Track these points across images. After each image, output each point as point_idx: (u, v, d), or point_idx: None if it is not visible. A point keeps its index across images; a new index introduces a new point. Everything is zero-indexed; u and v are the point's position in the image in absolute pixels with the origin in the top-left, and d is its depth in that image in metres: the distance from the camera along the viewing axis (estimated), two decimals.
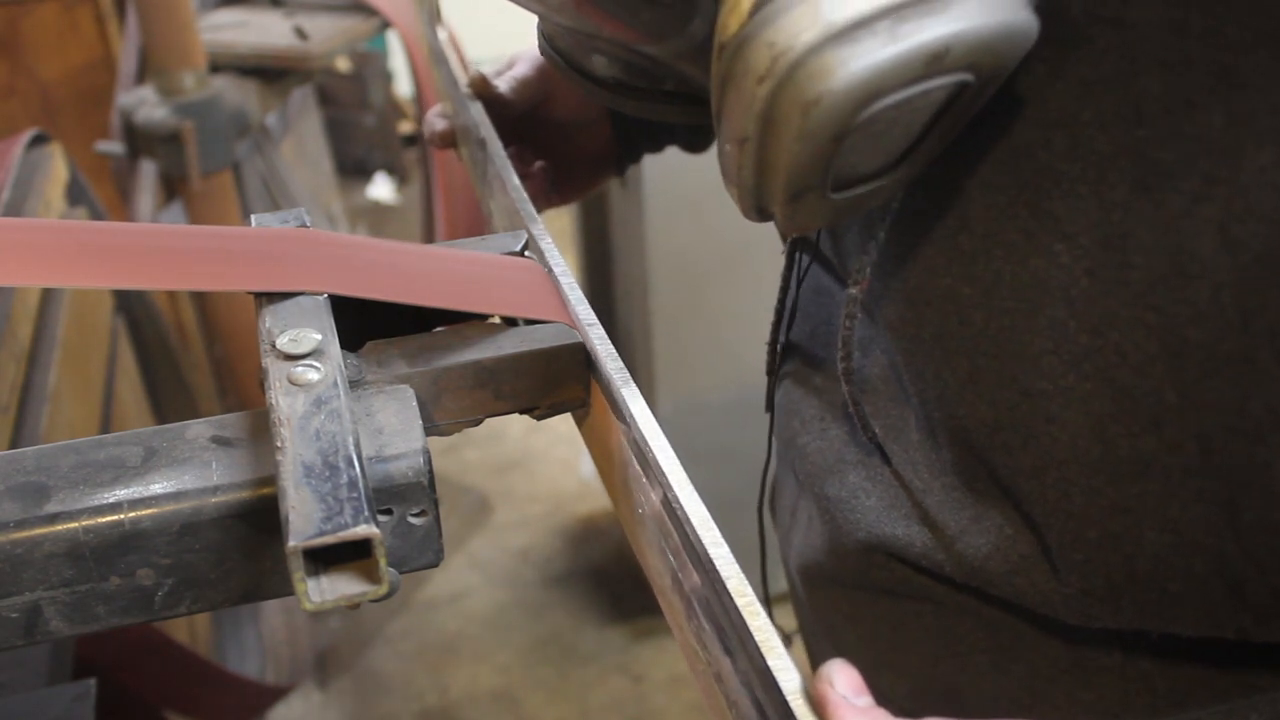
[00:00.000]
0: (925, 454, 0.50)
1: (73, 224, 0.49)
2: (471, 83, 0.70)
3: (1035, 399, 0.43)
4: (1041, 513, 0.45)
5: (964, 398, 0.46)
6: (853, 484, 0.55)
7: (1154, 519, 0.42)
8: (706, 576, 0.36)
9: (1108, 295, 0.40)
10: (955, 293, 0.45)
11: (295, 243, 0.48)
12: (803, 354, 0.62)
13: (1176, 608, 0.43)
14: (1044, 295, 0.42)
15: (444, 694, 1.87)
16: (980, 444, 0.46)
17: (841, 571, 0.57)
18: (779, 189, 0.40)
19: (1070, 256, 0.41)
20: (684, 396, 1.75)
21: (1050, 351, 0.42)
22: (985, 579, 0.48)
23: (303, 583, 0.32)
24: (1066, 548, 0.44)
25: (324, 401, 0.37)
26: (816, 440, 0.58)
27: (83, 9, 2.01)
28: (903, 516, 0.51)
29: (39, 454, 0.39)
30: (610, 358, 0.44)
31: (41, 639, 0.38)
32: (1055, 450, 0.43)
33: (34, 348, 1.03)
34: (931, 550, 0.50)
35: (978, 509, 0.47)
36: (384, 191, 3.56)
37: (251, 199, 1.72)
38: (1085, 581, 0.44)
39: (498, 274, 0.50)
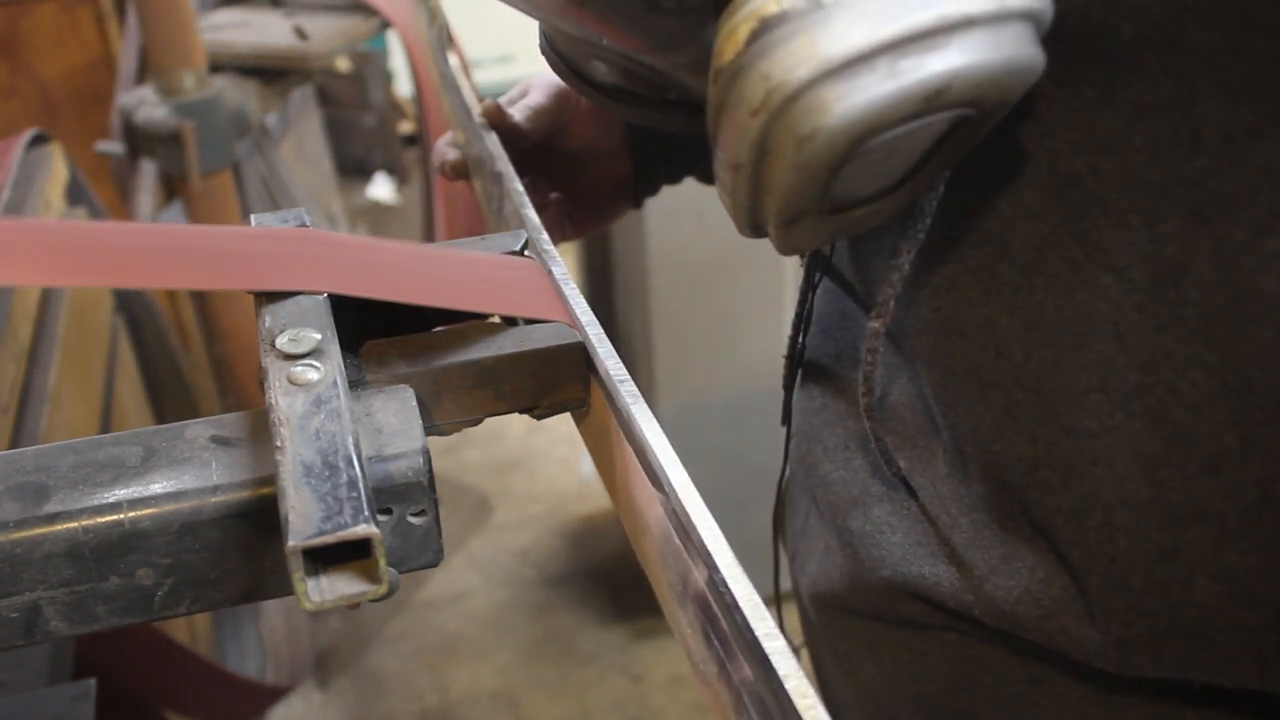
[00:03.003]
0: (954, 488, 0.48)
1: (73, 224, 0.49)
2: (485, 112, 0.67)
3: (1079, 437, 0.41)
4: (1081, 555, 0.43)
5: (1000, 433, 0.44)
6: (877, 518, 0.53)
7: (1206, 567, 0.40)
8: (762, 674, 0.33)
9: (1160, 331, 0.39)
10: (993, 324, 0.43)
11: (295, 242, 0.48)
12: (826, 376, 0.59)
13: (1225, 660, 0.41)
14: (1090, 329, 0.40)
15: (444, 694, 1.87)
16: (1016, 481, 0.44)
17: (862, 605, 0.55)
18: (773, 214, 0.39)
19: (1120, 290, 0.39)
20: (684, 396, 1.75)
21: (1097, 389, 0.41)
22: (1016, 623, 0.46)
23: (302, 582, 0.32)
24: (1108, 593, 0.42)
25: (324, 401, 0.37)
26: (839, 470, 0.56)
27: (83, 9, 2.01)
28: (929, 555, 0.49)
29: (38, 454, 0.39)
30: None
31: (41, 639, 0.38)
32: (1100, 491, 0.41)
33: (34, 348, 1.03)
34: (959, 591, 0.48)
35: (1008, 548, 0.46)
36: (384, 191, 3.56)
37: (251, 199, 1.72)
38: (1126, 629, 0.42)
39: (497, 273, 0.51)
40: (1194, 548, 0.40)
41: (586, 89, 0.53)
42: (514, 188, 0.61)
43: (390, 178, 3.59)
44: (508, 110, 0.67)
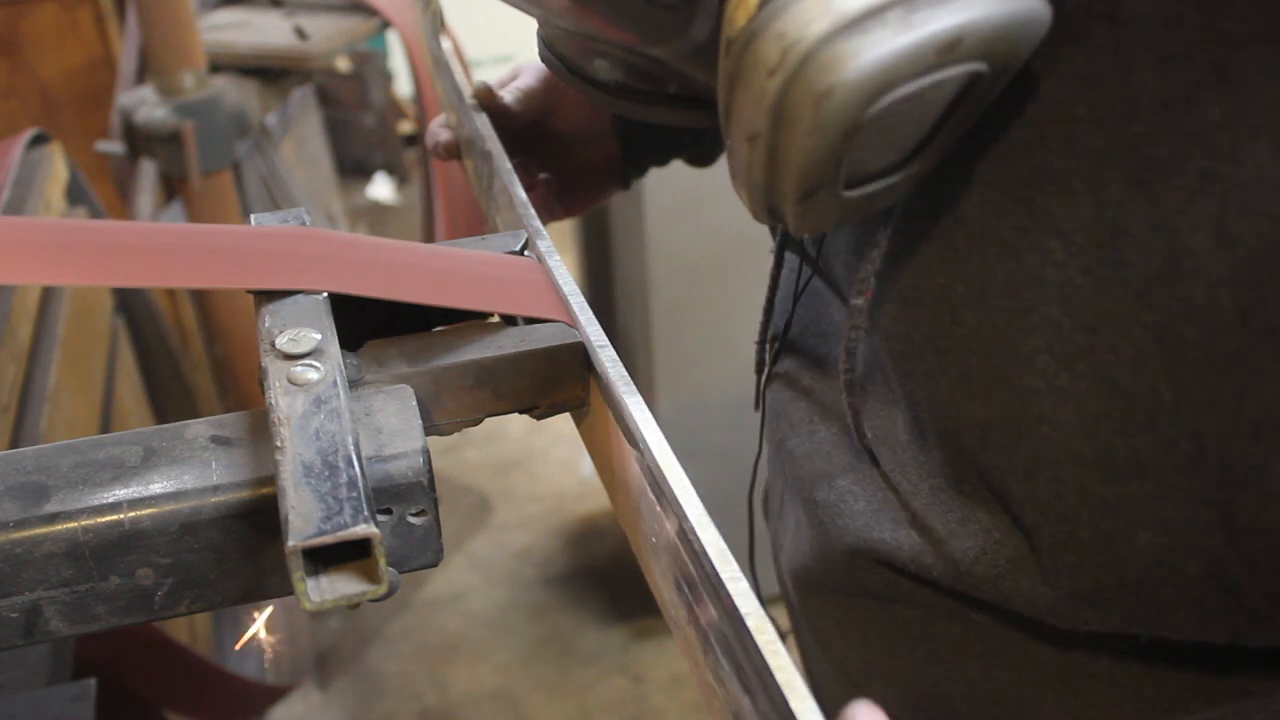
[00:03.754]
0: (913, 455, 0.50)
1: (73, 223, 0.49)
2: (476, 94, 0.69)
3: (1028, 398, 0.43)
4: (1033, 514, 0.44)
5: (955, 398, 0.45)
6: (841, 488, 0.54)
7: (1148, 520, 0.41)
8: (726, 614, 0.35)
9: (1102, 293, 0.40)
10: (948, 292, 0.45)
11: (294, 241, 0.48)
12: (792, 354, 0.61)
13: (1168, 611, 0.43)
14: (1038, 293, 0.42)
15: (444, 694, 1.87)
16: (971, 445, 0.46)
17: (830, 577, 0.56)
18: (790, 187, 0.39)
19: (1065, 254, 0.41)
20: (684, 396, 1.75)
21: (1044, 350, 0.42)
22: (972, 583, 0.47)
23: (302, 582, 0.32)
24: (1058, 549, 0.44)
25: (323, 401, 0.37)
26: (805, 444, 0.58)
27: (83, 9, 2.01)
28: (890, 520, 0.51)
29: (38, 454, 0.39)
30: (610, 357, 0.44)
31: (41, 639, 0.38)
32: (1048, 450, 0.43)
33: (34, 348, 1.03)
34: (919, 554, 0.49)
35: (965, 511, 0.47)
36: (384, 191, 3.56)
37: (251, 199, 1.72)
38: (1075, 584, 0.44)
39: (497, 273, 0.51)
40: (1135, 501, 0.41)
41: (588, 88, 0.54)
42: (503, 165, 0.62)
43: (390, 178, 3.59)
44: (498, 92, 0.69)
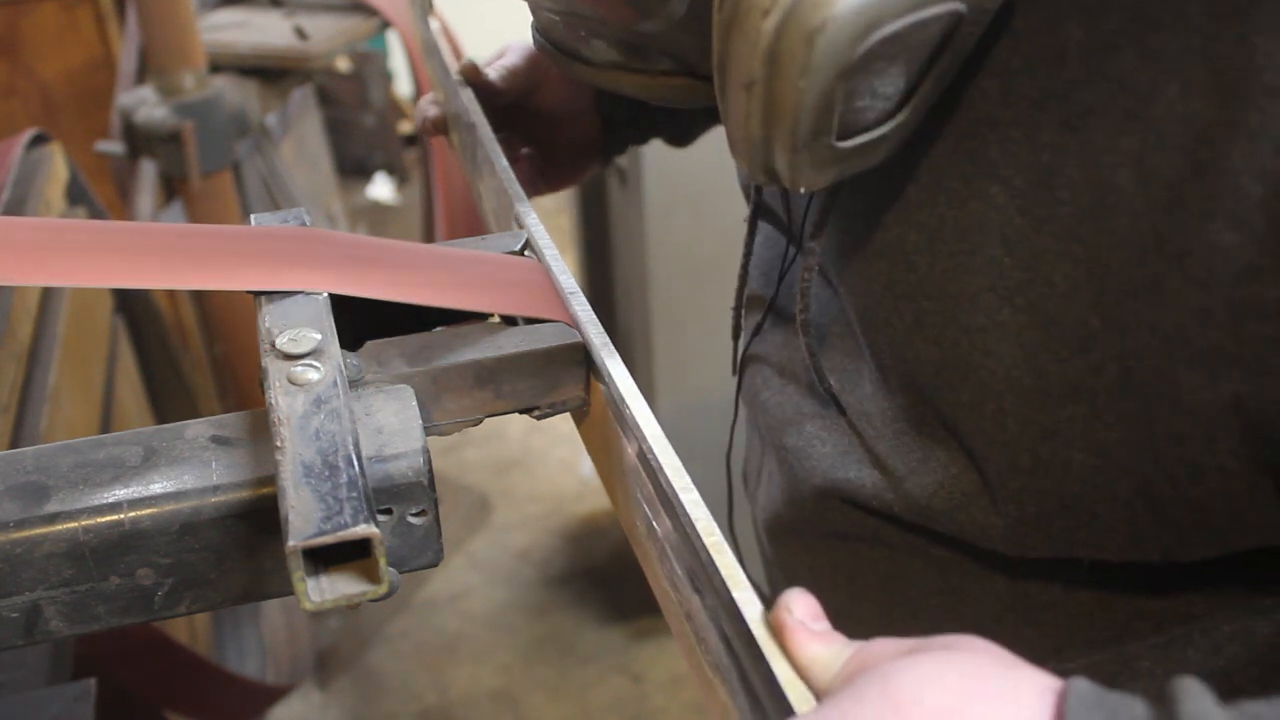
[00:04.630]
0: (878, 404, 0.52)
1: (73, 224, 0.49)
2: (462, 70, 0.72)
3: (974, 335, 0.45)
4: (981, 445, 0.47)
5: (911, 341, 0.48)
6: (809, 434, 0.57)
7: (1081, 442, 0.43)
8: (677, 520, 0.38)
9: (1039, 231, 0.43)
10: (902, 241, 0.48)
11: (295, 242, 0.48)
12: (764, 315, 0.65)
13: (1105, 532, 0.45)
14: (982, 236, 0.44)
15: (444, 694, 1.87)
16: (926, 385, 0.48)
17: (800, 520, 0.59)
18: (786, 134, 0.41)
19: (1006, 197, 0.43)
20: (684, 396, 1.74)
21: (988, 289, 0.45)
22: (931, 516, 0.50)
23: (302, 582, 0.32)
24: (1004, 476, 0.46)
25: (323, 401, 0.37)
26: (776, 395, 0.61)
27: (83, 9, 2.01)
28: (855, 462, 0.54)
29: (39, 454, 0.39)
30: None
31: (41, 639, 0.38)
32: (992, 382, 0.45)
33: (34, 348, 1.03)
34: (882, 491, 0.52)
35: (925, 451, 0.50)
36: (384, 191, 3.56)
37: (251, 199, 1.72)
38: (1021, 510, 0.46)
39: (497, 273, 0.51)
40: (1070, 425, 0.44)
41: (585, 69, 0.55)
42: (486, 135, 0.65)
43: (390, 178, 3.59)
44: (484, 70, 0.73)
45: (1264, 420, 0.39)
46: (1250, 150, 0.37)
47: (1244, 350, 0.38)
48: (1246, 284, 0.38)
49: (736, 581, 0.35)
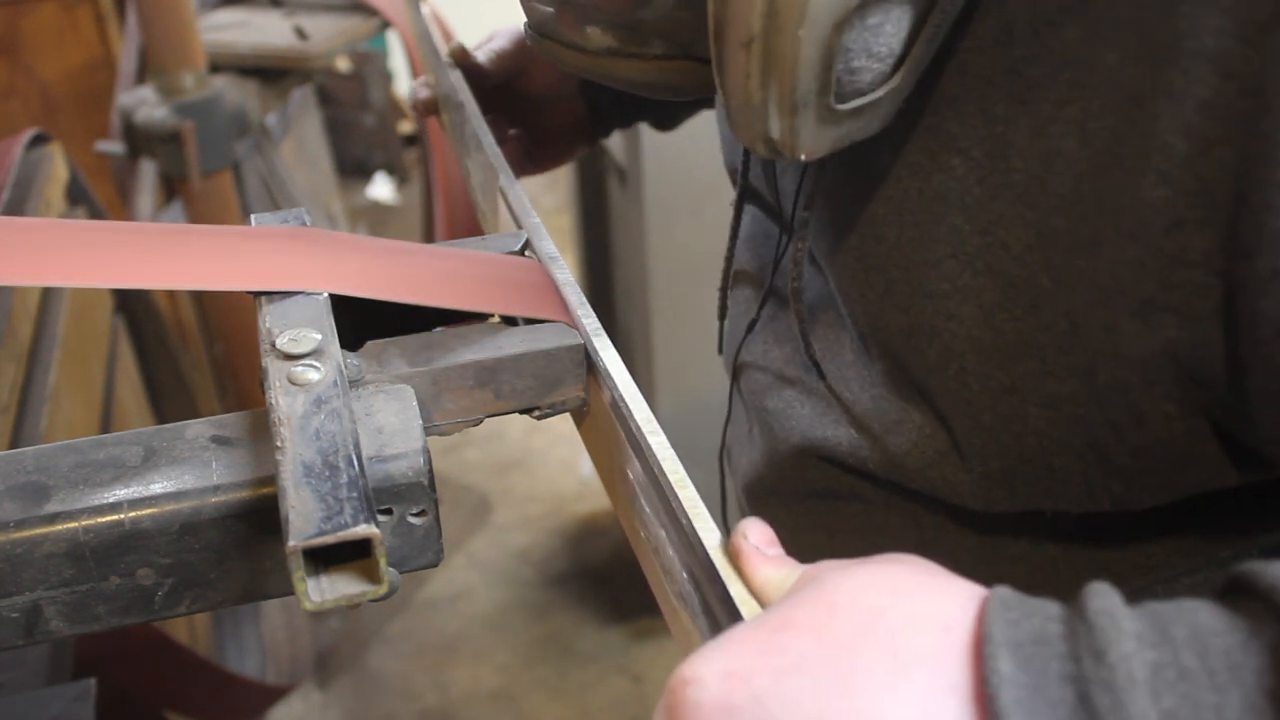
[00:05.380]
0: (857, 371, 0.55)
1: (73, 224, 0.49)
2: (452, 52, 0.76)
3: (938, 300, 0.48)
4: (947, 404, 0.49)
5: (882, 309, 0.51)
6: (789, 397, 0.60)
7: (1035, 397, 0.46)
8: (645, 462, 0.40)
9: (994, 198, 0.45)
10: (872, 215, 0.50)
11: (295, 242, 0.48)
12: (751, 286, 0.67)
13: (1061, 482, 0.47)
14: (944, 206, 0.47)
15: (444, 694, 1.87)
16: (898, 349, 0.51)
17: (779, 481, 0.62)
18: (786, 93, 0.42)
19: (965, 169, 0.46)
20: (684, 396, 1.75)
21: (949, 256, 0.47)
22: (904, 474, 0.52)
23: (303, 582, 0.32)
24: (968, 433, 0.49)
25: (324, 401, 0.37)
26: (759, 360, 0.64)
27: (83, 9, 2.01)
28: (833, 422, 0.56)
29: (39, 454, 0.39)
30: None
31: (41, 639, 0.38)
32: (954, 344, 0.48)
33: (34, 348, 1.03)
34: (857, 449, 0.55)
35: (901, 413, 0.52)
36: (384, 191, 3.56)
37: (251, 199, 1.72)
38: (985, 465, 0.49)
39: (498, 273, 0.51)
40: (1025, 381, 0.46)
41: (578, 57, 0.56)
42: (472, 112, 0.69)
43: (390, 178, 3.59)
44: (473, 53, 0.76)
45: (1195, 364, 0.41)
46: (1176, 110, 0.39)
47: (1174, 299, 0.41)
48: (1175, 236, 0.40)
49: (698, 514, 0.37)
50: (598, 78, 0.56)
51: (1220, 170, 0.38)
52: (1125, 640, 0.30)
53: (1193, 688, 0.29)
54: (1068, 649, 0.30)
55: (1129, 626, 0.30)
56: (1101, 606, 0.31)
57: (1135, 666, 0.29)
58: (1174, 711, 0.29)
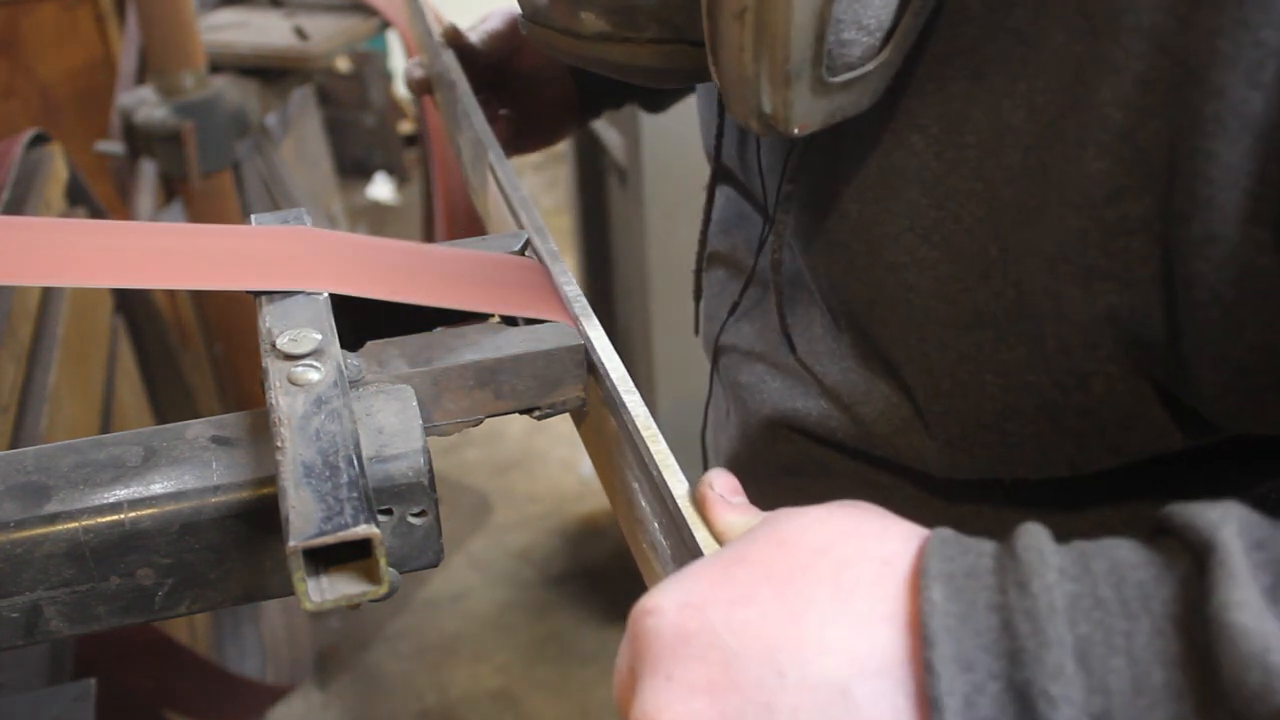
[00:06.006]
0: (827, 345, 0.57)
1: (73, 224, 0.49)
2: (445, 33, 0.78)
3: (898, 271, 0.49)
4: (909, 373, 0.51)
5: (847, 282, 0.53)
6: (760, 371, 0.62)
7: (991, 364, 0.47)
8: (620, 419, 0.42)
9: (950, 173, 0.47)
10: (837, 193, 0.52)
11: (295, 242, 0.48)
12: (725, 265, 0.69)
13: (1017, 448, 0.49)
14: (903, 181, 0.49)
15: (444, 694, 1.87)
16: (863, 321, 0.53)
17: (752, 456, 0.63)
18: (779, 64, 0.43)
19: (923, 144, 0.48)
20: (684, 396, 1.74)
21: (908, 229, 0.49)
22: (872, 441, 0.54)
23: (303, 583, 0.32)
24: (930, 401, 0.50)
25: (324, 401, 0.37)
26: (733, 338, 0.66)
27: (83, 9, 2.01)
28: (803, 394, 0.58)
29: (39, 454, 0.39)
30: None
31: (42, 639, 0.38)
32: (913, 314, 0.49)
33: (34, 348, 1.03)
34: (826, 418, 0.56)
35: (868, 383, 0.54)
36: (384, 191, 3.56)
37: (251, 199, 1.72)
38: (947, 431, 0.50)
39: (498, 274, 0.51)
40: (980, 349, 0.47)
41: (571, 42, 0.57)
42: (464, 90, 0.71)
43: (390, 178, 3.59)
44: (465, 33, 0.79)
45: (1136, 328, 0.43)
46: (1116, 84, 0.41)
47: (1116, 266, 0.42)
48: (1115, 205, 0.41)
49: (667, 465, 0.40)
50: (591, 64, 0.57)
51: (1155, 141, 0.40)
52: (1048, 573, 0.32)
53: (1107, 615, 0.32)
54: (996, 581, 0.33)
55: (1053, 560, 0.33)
56: (1029, 543, 0.33)
57: (1056, 596, 0.32)
58: (1088, 637, 0.31)
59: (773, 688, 0.33)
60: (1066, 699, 0.31)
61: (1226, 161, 0.38)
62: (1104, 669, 0.31)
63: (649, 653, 0.34)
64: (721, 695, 0.33)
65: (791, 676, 0.33)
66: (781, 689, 0.33)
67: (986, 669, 0.31)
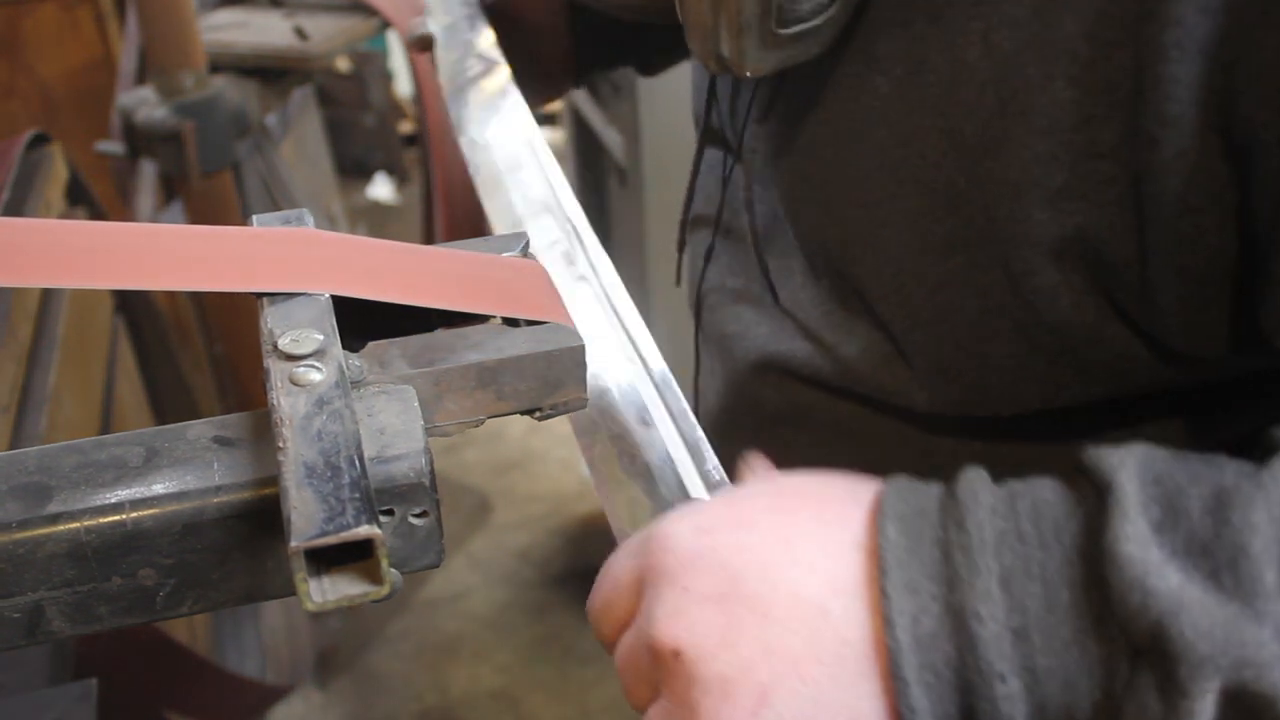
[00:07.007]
0: (808, 292, 0.60)
1: (73, 224, 0.49)
2: None
3: (870, 209, 0.53)
4: (886, 307, 0.54)
5: (823, 224, 0.56)
6: (747, 319, 0.65)
7: (967, 288, 0.50)
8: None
9: (913, 112, 0.50)
10: (813, 138, 0.55)
11: (297, 243, 0.48)
12: (706, 223, 0.72)
13: (995, 373, 0.52)
14: (870, 123, 0.52)
15: (444, 694, 1.87)
16: (838, 260, 0.56)
17: (738, 405, 0.66)
18: (732, 19, 0.49)
19: (888, 87, 0.51)
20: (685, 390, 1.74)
21: (877, 169, 0.52)
22: (856, 378, 0.57)
23: (304, 583, 0.32)
24: (908, 331, 0.53)
25: (326, 402, 0.37)
26: (717, 293, 0.69)
27: (83, 9, 2.01)
28: (789, 337, 0.61)
29: (41, 454, 0.39)
30: None
31: (43, 639, 0.38)
32: (887, 248, 0.52)
33: (34, 348, 1.03)
34: (812, 358, 0.60)
35: (850, 325, 0.57)
36: (384, 191, 3.56)
37: (251, 199, 1.72)
38: (926, 361, 0.53)
39: (499, 274, 0.51)
40: (955, 275, 0.50)
41: None
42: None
43: (390, 178, 3.59)
44: None
45: (1100, 245, 0.46)
46: (1079, 19, 0.44)
47: (1085, 187, 0.45)
48: (1084, 130, 0.44)
49: None
50: None
51: (1120, 71, 0.43)
52: (980, 511, 0.38)
53: (1026, 548, 0.37)
54: (939, 519, 0.39)
55: (985, 500, 0.38)
56: (968, 487, 0.39)
57: (987, 533, 0.38)
58: (1010, 567, 0.37)
59: (769, 600, 0.39)
60: (992, 616, 0.36)
61: (1187, 83, 0.41)
62: (1023, 592, 0.37)
63: (664, 566, 0.40)
64: (728, 605, 0.39)
65: (783, 591, 0.39)
66: (776, 602, 0.38)
67: (929, 593, 0.37)
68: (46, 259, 0.46)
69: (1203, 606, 0.34)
